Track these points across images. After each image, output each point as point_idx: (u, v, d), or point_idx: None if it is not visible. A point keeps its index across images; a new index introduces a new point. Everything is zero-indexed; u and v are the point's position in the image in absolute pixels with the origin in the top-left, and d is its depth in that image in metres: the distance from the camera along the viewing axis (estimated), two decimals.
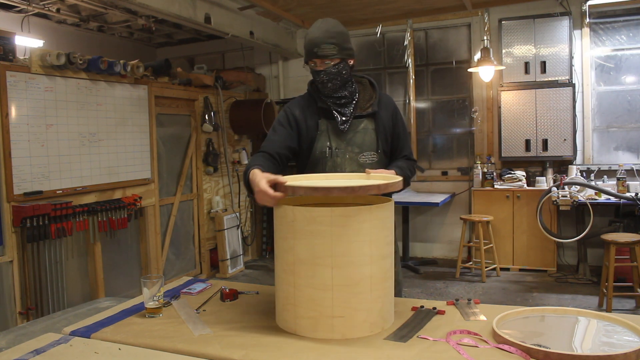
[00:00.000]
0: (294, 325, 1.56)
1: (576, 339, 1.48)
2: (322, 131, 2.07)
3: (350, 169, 2.06)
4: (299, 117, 2.08)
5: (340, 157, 2.06)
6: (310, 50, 1.98)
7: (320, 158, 2.07)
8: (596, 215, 4.88)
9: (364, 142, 2.07)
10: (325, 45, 1.96)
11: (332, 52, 1.97)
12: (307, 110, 2.10)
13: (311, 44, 1.98)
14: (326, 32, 1.97)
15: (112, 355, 1.42)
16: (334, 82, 2.01)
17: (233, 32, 5.40)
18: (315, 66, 2.00)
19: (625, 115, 5.51)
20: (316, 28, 1.99)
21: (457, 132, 6.27)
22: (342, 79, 2.02)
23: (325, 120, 2.08)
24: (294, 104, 2.14)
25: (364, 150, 2.07)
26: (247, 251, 6.35)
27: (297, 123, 2.08)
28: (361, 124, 2.09)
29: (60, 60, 3.74)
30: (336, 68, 1.99)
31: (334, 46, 1.97)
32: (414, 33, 6.28)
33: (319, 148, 2.07)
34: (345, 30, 2.03)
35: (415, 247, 6.28)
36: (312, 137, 2.08)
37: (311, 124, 2.08)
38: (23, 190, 3.58)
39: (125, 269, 4.65)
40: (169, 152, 5.19)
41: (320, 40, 1.96)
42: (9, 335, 1.70)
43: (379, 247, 1.56)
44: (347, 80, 2.06)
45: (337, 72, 1.99)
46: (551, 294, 4.73)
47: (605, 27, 5.50)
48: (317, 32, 1.98)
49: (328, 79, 2.00)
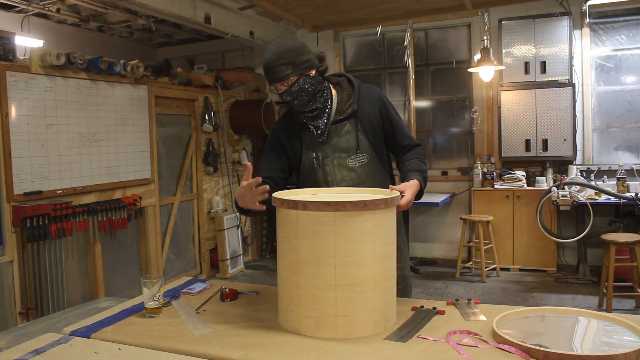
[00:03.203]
0: (297, 325, 1.56)
1: (576, 339, 1.48)
2: (306, 143, 2.06)
3: (341, 175, 2.03)
4: (283, 137, 2.09)
5: (329, 165, 2.03)
6: (268, 75, 1.94)
7: (309, 170, 2.06)
8: (596, 215, 4.88)
9: (349, 145, 2.03)
10: (277, 69, 1.90)
11: (286, 73, 1.91)
12: (288, 128, 2.09)
13: (265, 70, 1.93)
14: (275, 55, 1.90)
15: (112, 355, 1.42)
16: (300, 99, 1.96)
17: (233, 32, 5.40)
18: (276, 90, 1.98)
19: (625, 115, 5.51)
20: (267, 52, 1.93)
21: (457, 132, 6.27)
22: (308, 92, 1.96)
23: (307, 132, 2.06)
24: (277, 125, 2.15)
25: (351, 154, 2.03)
26: (247, 251, 6.35)
27: (282, 143, 2.09)
28: (344, 128, 2.04)
29: (60, 60, 3.74)
30: (297, 86, 1.93)
31: (287, 66, 1.90)
32: (414, 33, 6.28)
33: (307, 161, 2.06)
34: (297, 44, 1.94)
35: (415, 247, 6.28)
36: (299, 152, 2.07)
37: (295, 140, 2.07)
38: (23, 190, 3.59)
39: (125, 269, 4.65)
40: (169, 152, 5.19)
41: (272, 63, 1.90)
42: (9, 335, 1.70)
43: (382, 247, 1.56)
44: (316, 92, 1.99)
45: (299, 89, 1.94)
46: (551, 294, 4.73)
47: (605, 27, 5.50)
48: (267, 56, 1.92)
49: (292, 97, 1.96)
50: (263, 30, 5.93)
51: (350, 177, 2.03)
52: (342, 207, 1.49)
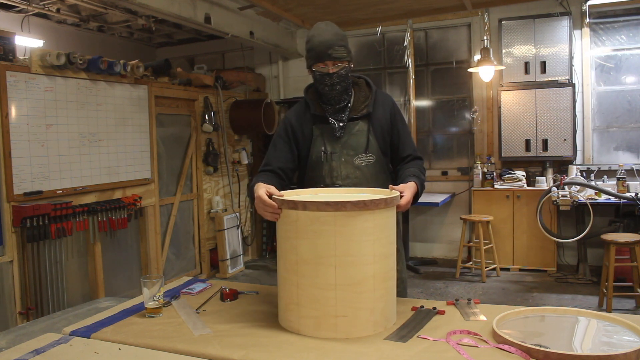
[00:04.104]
0: (297, 325, 1.56)
1: (576, 339, 1.48)
2: (316, 136, 2.08)
3: (346, 171, 2.05)
4: (296, 125, 2.10)
5: (336, 161, 2.05)
6: (323, 52, 1.95)
7: (316, 163, 2.08)
8: (596, 215, 4.88)
9: (358, 144, 2.06)
10: (337, 47, 1.96)
11: (343, 55, 1.97)
12: (302, 118, 2.11)
13: (323, 46, 1.95)
14: (336, 35, 1.97)
15: (112, 355, 1.42)
16: (342, 84, 2.01)
17: (233, 32, 5.40)
18: (326, 68, 1.98)
19: (625, 115, 5.51)
20: (324, 30, 1.98)
21: (457, 132, 6.27)
22: (347, 82, 2.03)
23: (320, 125, 2.08)
24: (291, 113, 2.16)
25: (359, 153, 2.06)
26: (247, 251, 6.35)
27: (294, 132, 2.10)
28: (356, 126, 2.07)
29: (60, 60, 3.74)
30: (345, 70, 2.00)
31: (344, 48, 1.98)
32: (414, 33, 6.28)
33: (314, 153, 2.08)
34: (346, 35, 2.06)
35: (415, 247, 6.28)
36: (308, 143, 2.09)
37: (307, 130, 2.09)
38: (23, 190, 3.58)
39: (125, 269, 4.65)
40: (169, 152, 5.19)
41: (333, 42, 1.95)
42: (9, 335, 1.70)
43: (382, 246, 1.56)
44: (349, 85, 2.06)
45: (345, 74, 2.00)
46: (551, 294, 4.73)
47: (605, 27, 5.50)
48: (326, 34, 1.97)
49: (338, 81, 1.99)
50: (263, 30, 5.93)
51: (355, 175, 2.05)
52: (342, 207, 1.49)
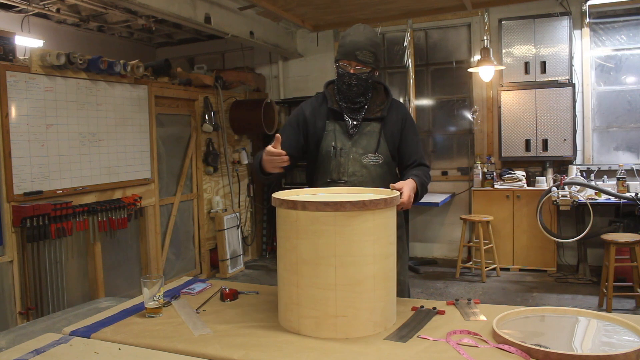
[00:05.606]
0: (297, 325, 1.56)
1: (576, 339, 1.48)
2: (328, 132, 2.13)
3: (353, 169, 2.10)
4: (309, 117, 2.16)
5: (344, 158, 2.10)
6: (351, 52, 2.03)
7: (325, 157, 2.13)
8: (596, 215, 4.88)
9: (369, 144, 2.11)
10: (365, 51, 2.03)
11: (369, 60, 2.04)
12: (317, 111, 2.17)
13: (353, 46, 2.02)
14: (369, 40, 2.04)
15: (112, 355, 1.42)
16: (360, 87, 2.07)
17: (233, 32, 5.40)
18: (348, 67, 2.05)
19: (625, 115, 5.51)
20: (359, 32, 2.05)
21: (457, 132, 6.27)
22: (366, 86, 2.09)
23: (334, 121, 2.13)
24: (307, 104, 2.22)
25: (368, 152, 2.10)
26: (247, 251, 6.35)
27: (306, 123, 2.16)
28: (368, 127, 2.13)
29: (60, 60, 3.74)
30: (366, 75, 2.06)
31: (372, 55, 2.04)
32: (414, 33, 6.28)
33: (324, 148, 2.13)
34: (380, 44, 2.11)
35: (415, 247, 6.28)
36: (319, 137, 2.14)
37: (320, 124, 2.15)
38: (23, 190, 3.58)
39: (125, 269, 4.65)
40: (169, 152, 5.19)
41: (363, 45, 2.02)
42: (9, 335, 1.70)
43: (382, 247, 1.56)
44: (368, 89, 2.12)
45: (365, 79, 2.06)
46: (551, 294, 4.73)
47: (605, 27, 5.50)
48: (360, 36, 2.04)
49: (356, 83, 2.05)
50: (263, 30, 5.93)
51: (361, 173, 2.09)
52: (341, 207, 1.49)
